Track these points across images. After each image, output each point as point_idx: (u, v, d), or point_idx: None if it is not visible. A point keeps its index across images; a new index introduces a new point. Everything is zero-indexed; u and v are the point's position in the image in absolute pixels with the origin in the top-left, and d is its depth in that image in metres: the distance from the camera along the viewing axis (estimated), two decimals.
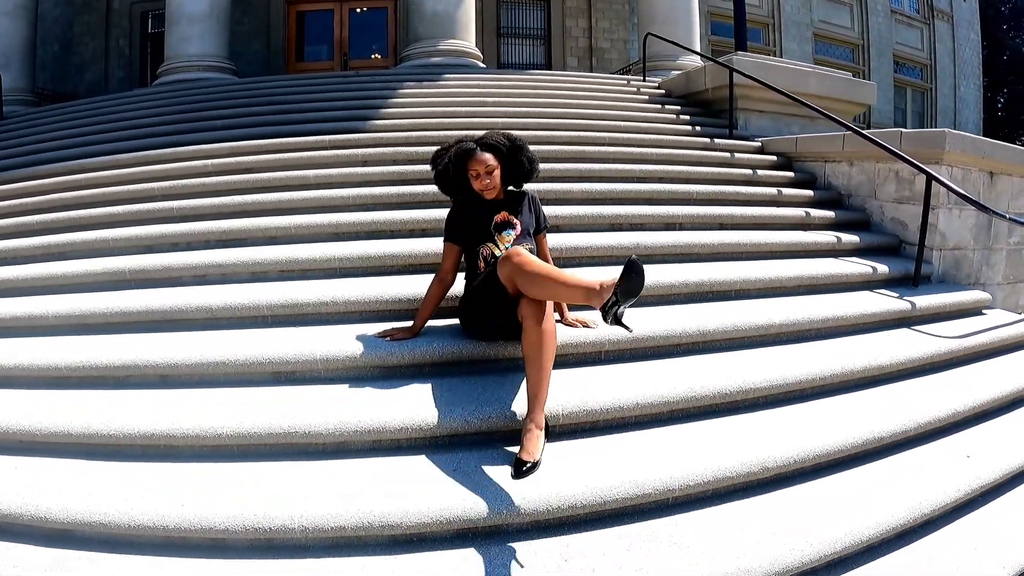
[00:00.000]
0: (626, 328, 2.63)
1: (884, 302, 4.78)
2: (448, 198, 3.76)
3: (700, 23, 17.02)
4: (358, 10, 16.98)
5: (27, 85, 14.56)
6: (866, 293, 4.99)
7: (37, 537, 2.51)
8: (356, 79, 10.99)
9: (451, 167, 3.52)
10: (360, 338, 3.55)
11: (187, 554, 2.40)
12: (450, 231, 3.58)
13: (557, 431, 3.00)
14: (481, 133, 3.57)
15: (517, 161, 3.52)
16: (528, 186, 3.82)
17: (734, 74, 8.40)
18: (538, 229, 3.67)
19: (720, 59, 9.11)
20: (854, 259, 5.52)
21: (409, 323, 3.62)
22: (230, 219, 5.47)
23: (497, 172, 3.44)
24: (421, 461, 2.81)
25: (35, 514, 2.51)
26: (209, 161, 6.91)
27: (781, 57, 19.21)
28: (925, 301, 4.92)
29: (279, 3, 16.97)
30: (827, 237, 5.74)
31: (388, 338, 3.52)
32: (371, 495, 2.52)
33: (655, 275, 4.31)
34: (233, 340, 3.64)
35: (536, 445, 2.68)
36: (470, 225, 3.53)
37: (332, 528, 2.41)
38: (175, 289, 4.44)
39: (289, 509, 2.44)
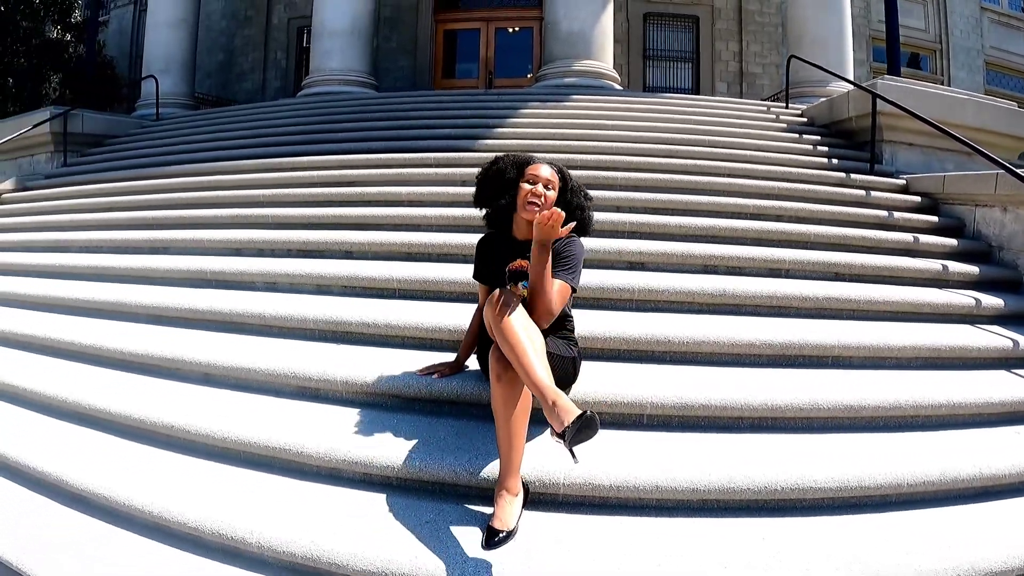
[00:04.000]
0: (573, 457, 2.23)
1: (1021, 386, 3.87)
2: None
3: (861, 47, 16.09)
4: (508, 30, 17.20)
5: (185, 90, 15.63)
6: (1001, 373, 4.07)
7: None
8: (483, 98, 11.13)
9: (509, 166, 3.06)
10: (389, 365, 3.51)
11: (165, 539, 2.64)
12: (477, 268, 3.25)
13: (559, 501, 2.68)
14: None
15: (574, 208, 3.02)
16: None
17: (878, 101, 7.54)
18: (555, 272, 2.85)
19: (863, 84, 8.27)
20: (994, 327, 4.61)
21: (453, 356, 3.39)
22: (314, 230, 5.81)
23: (553, 194, 2.94)
24: (400, 504, 2.69)
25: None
26: (316, 172, 7.29)
27: (950, 85, 17.79)
28: None
29: (427, 22, 17.42)
30: (964, 298, 4.86)
31: (435, 374, 3.28)
32: (331, 530, 2.49)
33: (731, 331, 3.77)
34: (271, 350, 3.89)
35: (508, 512, 2.45)
36: (491, 265, 3.14)
37: (283, 553, 2.42)
38: (246, 293, 4.86)
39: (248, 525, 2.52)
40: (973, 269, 5.44)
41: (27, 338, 4.73)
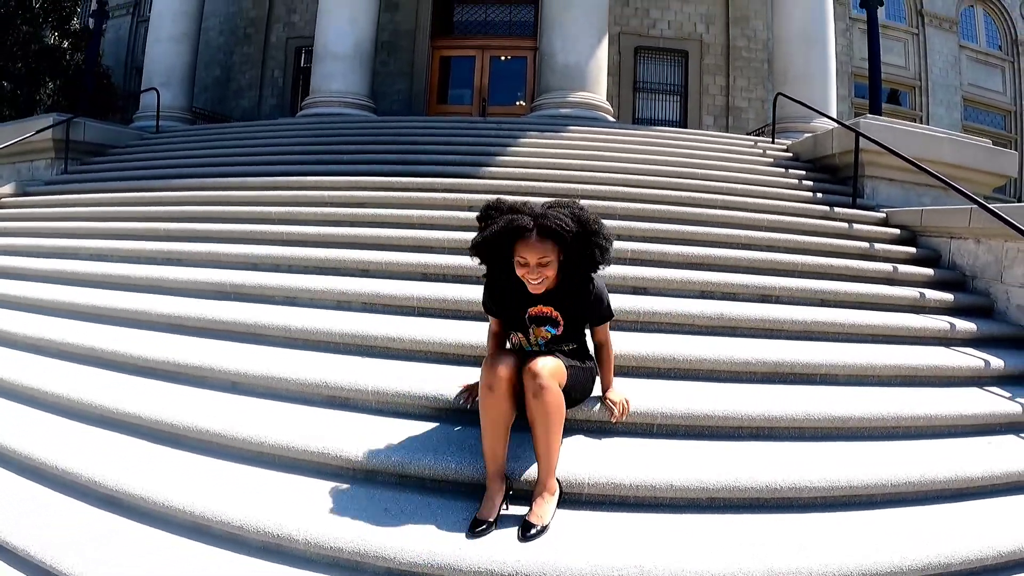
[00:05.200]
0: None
1: (991, 402, 4.24)
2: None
3: (843, 84, 16.61)
4: (501, 58, 17.52)
5: (184, 104, 15.89)
6: (973, 390, 4.46)
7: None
8: (482, 126, 11.34)
9: (494, 240, 2.85)
10: (416, 377, 3.72)
11: (203, 539, 2.77)
12: (487, 303, 3.22)
13: (583, 499, 2.93)
14: (548, 202, 2.95)
15: (585, 252, 2.87)
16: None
17: (860, 139, 7.98)
18: (598, 320, 3.15)
19: (847, 122, 8.72)
20: (967, 349, 5.00)
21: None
22: (329, 248, 5.98)
23: (554, 266, 2.82)
24: (436, 503, 2.90)
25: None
26: (326, 192, 7.48)
27: (928, 122, 18.54)
28: None
29: (424, 48, 17.70)
30: (939, 323, 5.25)
31: (466, 395, 3.32)
32: (372, 527, 2.69)
33: (728, 350, 4.13)
34: (301, 361, 4.06)
35: (545, 509, 2.68)
36: (506, 305, 3.09)
37: (330, 548, 2.61)
38: (266, 306, 4.99)
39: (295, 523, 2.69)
40: (948, 296, 5.81)
41: (44, 342, 4.84)
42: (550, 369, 2.70)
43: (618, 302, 4.60)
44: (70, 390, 3.97)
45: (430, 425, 3.40)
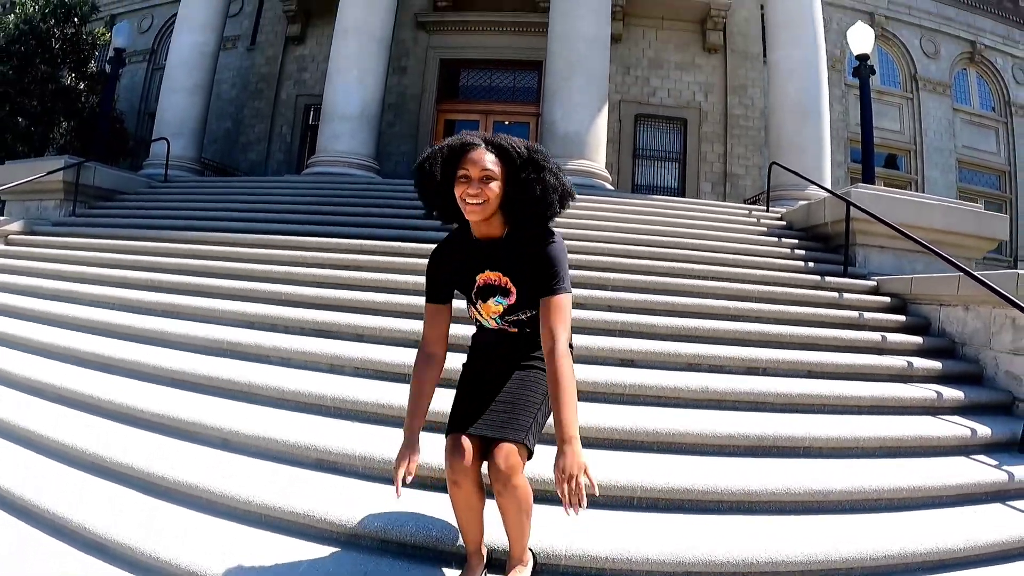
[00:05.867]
0: None
1: (976, 471, 4.27)
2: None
3: (839, 149, 16.91)
4: (504, 123, 17.90)
5: (194, 155, 16.23)
6: (959, 459, 4.47)
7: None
8: None
9: (437, 165, 2.56)
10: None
11: None
12: (428, 284, 2.81)
13: (559, 571, 2.98)
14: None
15: (534, 186, 2.52)
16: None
17: (851, 208, 8.14)
18: (547, 288, 2.54)
19: (839, 191, 8.88)
20: (954, 418, 5.03)
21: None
22: (326, 311, 6.06)
23: (496, 184, 2.50)
24: (416, 570, 2.95)
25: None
26: (326, 254, 7.64)
27: (924, 185, 18.89)
28: None
29: (430, 110, 18.17)
30: (926, 392, 5.30)
31: (407, 477, 2.60)
32: None
33: (712, 424, 4.22)
34: (292, 422, 4.15)
35: None
36: (451, 277, 2.78)
37: None
38: (261, 366, 5.10)
39: None
40: (937, 364, 5.87)
41: (43, 385, 4.93)
42: (514, 462, 2.48)
43: (605, 375, 4.76)
44: (65, 435, 4.08)
45: (414, 492, 3.40)
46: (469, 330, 3.11)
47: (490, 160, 2.50)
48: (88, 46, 20.57)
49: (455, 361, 3.13)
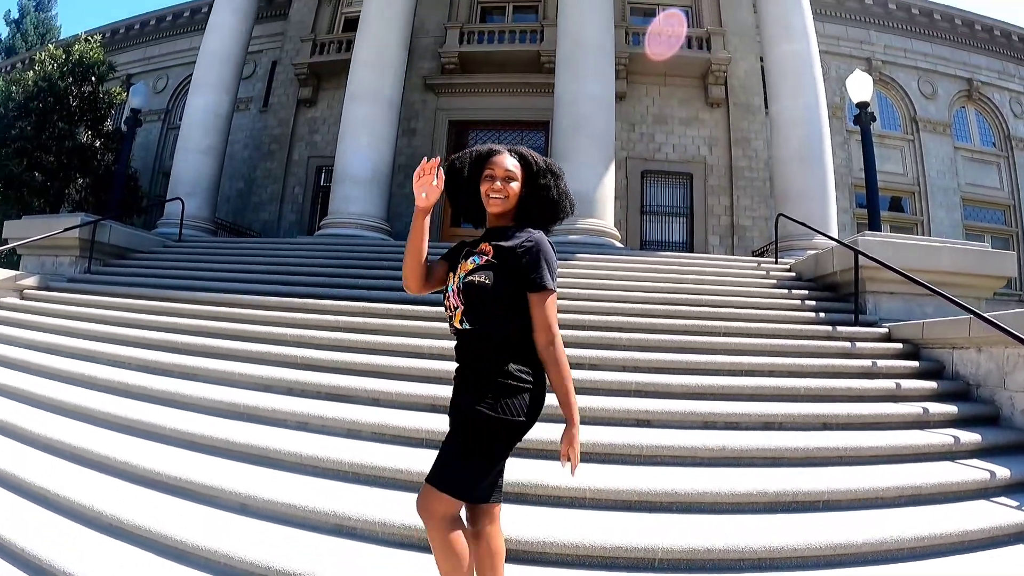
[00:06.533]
0: None
1: (998, 514, 4.30)
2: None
3: (844, 195, 17.06)
4: None
5: (208, 214, 16.57)
6: (980, 503, 4.52)
7: None
8: None
9: (466, 164, 2.89)
10: None
11: None
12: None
13: None
14: None
15: (545, 187, 2.82)
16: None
17: (859, 256, 8.22)
18: (527, 281, 2.62)
19: (846, 240, 8.98)
20: (972, 461, 5.08)
21: None
22: (341, 375, 6.13)
23: (516, 185, 2.78)
24: None
25: None
26: (340, 318, 7.76)
27: (930, 225, 19.05)
28: None
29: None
30: (943, 437, 5.35)
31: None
32: None
33: (730, 482, 4.27)
34: (310, 487, 4.20)
35: None
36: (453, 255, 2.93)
37: None
38: (278, 430, 5.16)
39: None
40: (952, 408, 5.92)
41: (58, 443, 5.00)
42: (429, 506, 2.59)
43: (622, 436, 4.84)
44: (82, 495, 4.13)
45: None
46: None
47: (512, 164, 2.80)
48: (105, 105, 21.26)
49: None
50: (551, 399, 2.69)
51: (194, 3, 24.94)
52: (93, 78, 20.98)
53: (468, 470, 2.58)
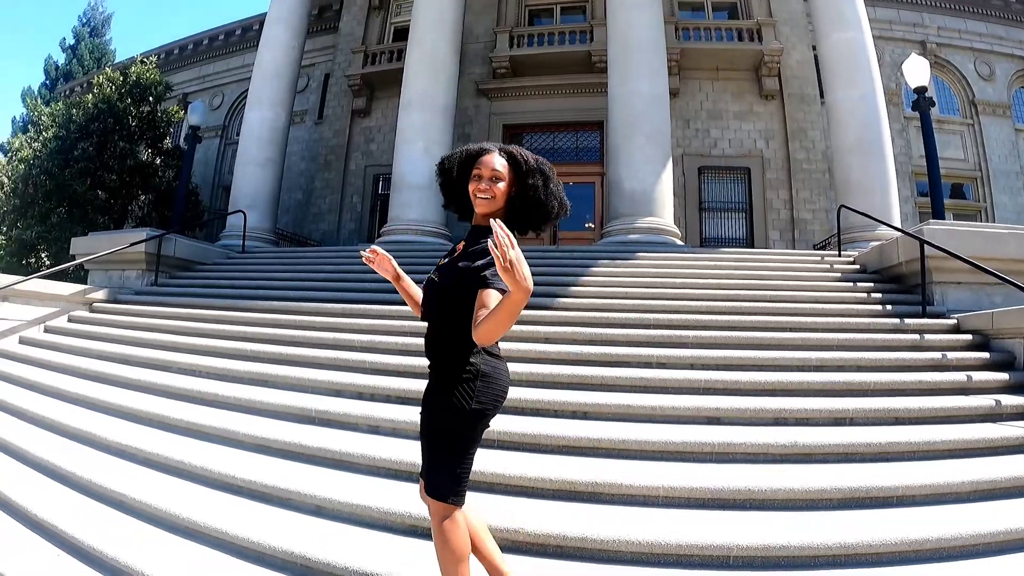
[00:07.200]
0: None
1: None
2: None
3: (905, 184, 16.73)
4: (569, 183, 18.04)
5: (269, 226, 16.99)
6: None
7: None
8: (555, 254, 11.79)
9: (455, 164, 2.94)
10: (496, 510, 3.87)
11: None
12: None
13: None
14: None
15: (533, 188, 2.79)
16: None
17: (925, 246, 8.11)
18: (480, 283, 2.52)
19: (910, 229, 8.87)
20: None
21: None
22: (408, 378, 6.29)
23: (503, 185, 2.76)
24: None
25: None
26: (404, 322, 7.91)
27: (993, 211, 18.62)
28: None
29: None
30: (1017, 430, 5.25)
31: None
32: None
33: (803, 479, 4.31)
34: (385, 489, 4.29)
35: None
36: None
37: None
38: (350, 434, 5.30)
39: None
40: None
41: (133, 450, 5.22)
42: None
43: (693, 434, 4.90)
44: (158, 499, 4.32)
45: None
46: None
47: (500, 163, 2.79)
48: (163, 123, 22.04)
49: None
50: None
51: (244, 22, 25.68)
52: (151, 98, 21.77)
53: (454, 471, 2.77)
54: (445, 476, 2.71)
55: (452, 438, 2.71)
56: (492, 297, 2.41)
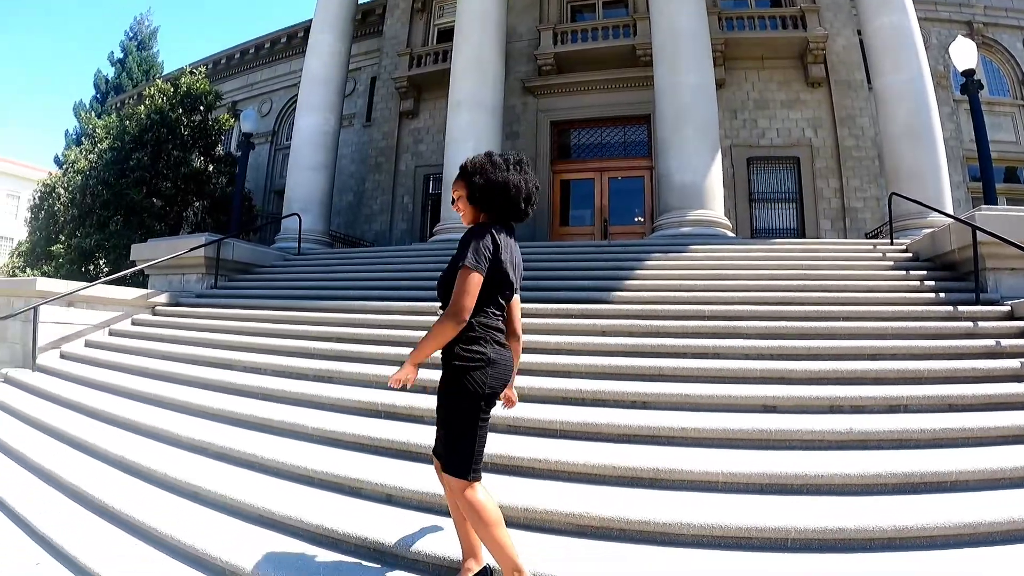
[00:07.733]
0: None
1: None
2: None
3: (956, 169, 16.50)
4: (619, 178, 18.36)
5: (323, 228, 17.42)
6: None
7: None
8: (608, 249, 11.90)
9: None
10: (550, 494, 4.11)
11: None
12: None
13: None
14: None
15: (475, 188, 3.16)
16: None
17: (977, 232, 8.06)
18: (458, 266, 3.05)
19: (962, 215, 8.82)
20: None
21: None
22: None
23: (463, 203, 3.23)
24: None
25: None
26: None
27: None
28: None
29: (545, 172, 18.81)
30: None
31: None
32: None
33: (858, 464, 4.42)
34: None
35: None
36: None
37: None
38: (416, 426, 5.52)
39: None
40: None
41: (206, 444, 5.51)
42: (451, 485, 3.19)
43: (750, 422, 5.05)
44: (229, 489, 4.58)
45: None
46: None
47: (457, 183, 3.22)
48: (215, 131, 22.69)
49: None
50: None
51: (289, 29, 26.31)
52: (202, 107, 22.45)
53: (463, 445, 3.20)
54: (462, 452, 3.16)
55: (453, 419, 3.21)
56: (459, 277, 2.97)
